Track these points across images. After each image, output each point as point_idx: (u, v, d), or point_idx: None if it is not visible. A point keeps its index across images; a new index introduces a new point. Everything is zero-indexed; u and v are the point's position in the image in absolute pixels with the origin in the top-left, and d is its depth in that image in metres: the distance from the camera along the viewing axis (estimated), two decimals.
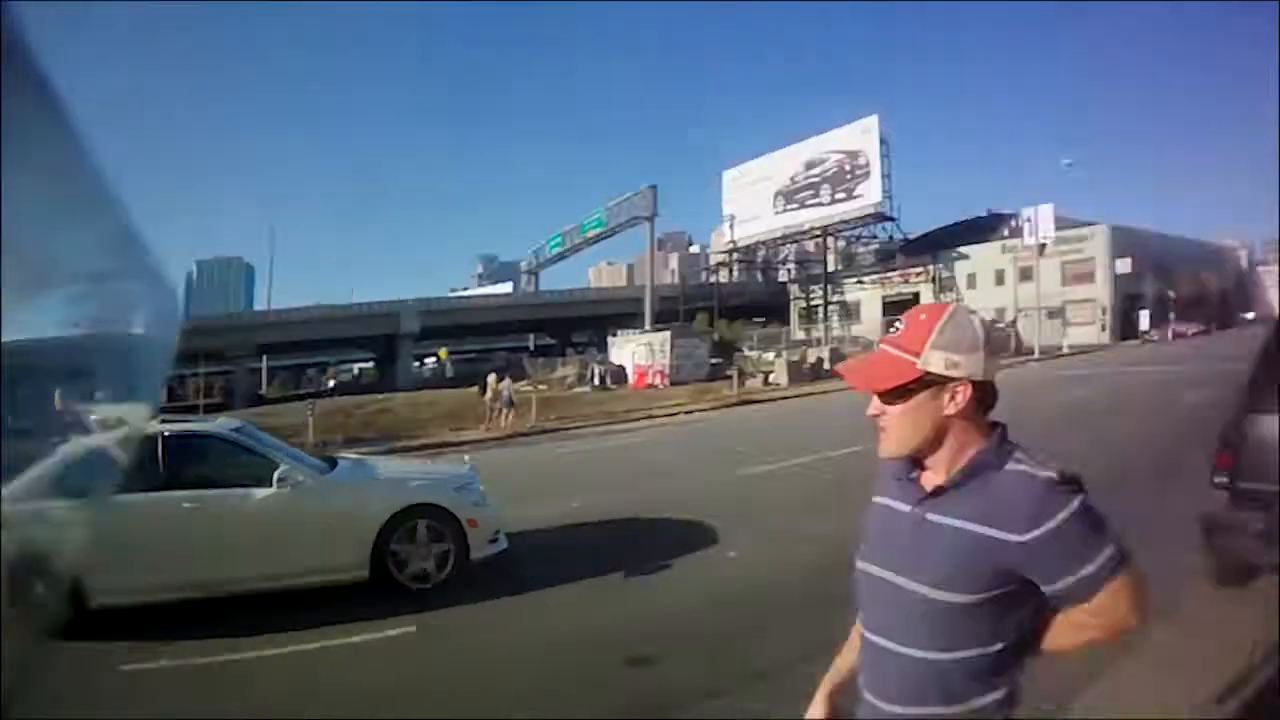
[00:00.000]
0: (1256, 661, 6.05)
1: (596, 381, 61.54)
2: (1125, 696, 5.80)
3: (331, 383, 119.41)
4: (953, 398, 2.41)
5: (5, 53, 1.16)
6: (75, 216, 1.47)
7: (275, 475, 10.04)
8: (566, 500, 15.78)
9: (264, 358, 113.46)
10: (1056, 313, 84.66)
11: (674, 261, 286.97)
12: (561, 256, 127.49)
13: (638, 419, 37.35)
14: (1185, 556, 8.28)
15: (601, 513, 14.82)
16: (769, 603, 9.23)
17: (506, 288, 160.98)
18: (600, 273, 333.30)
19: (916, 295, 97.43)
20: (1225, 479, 7.96)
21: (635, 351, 64.87)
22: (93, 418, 1.63)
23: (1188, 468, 12.43)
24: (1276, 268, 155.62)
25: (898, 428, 2.48)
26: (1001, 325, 74.27)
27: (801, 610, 8.58)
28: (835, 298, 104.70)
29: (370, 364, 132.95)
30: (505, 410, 36.32)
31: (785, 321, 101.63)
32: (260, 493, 9.96)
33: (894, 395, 2.46)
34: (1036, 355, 65.20)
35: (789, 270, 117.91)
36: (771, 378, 54.53)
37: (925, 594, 2.38)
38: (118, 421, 1.70)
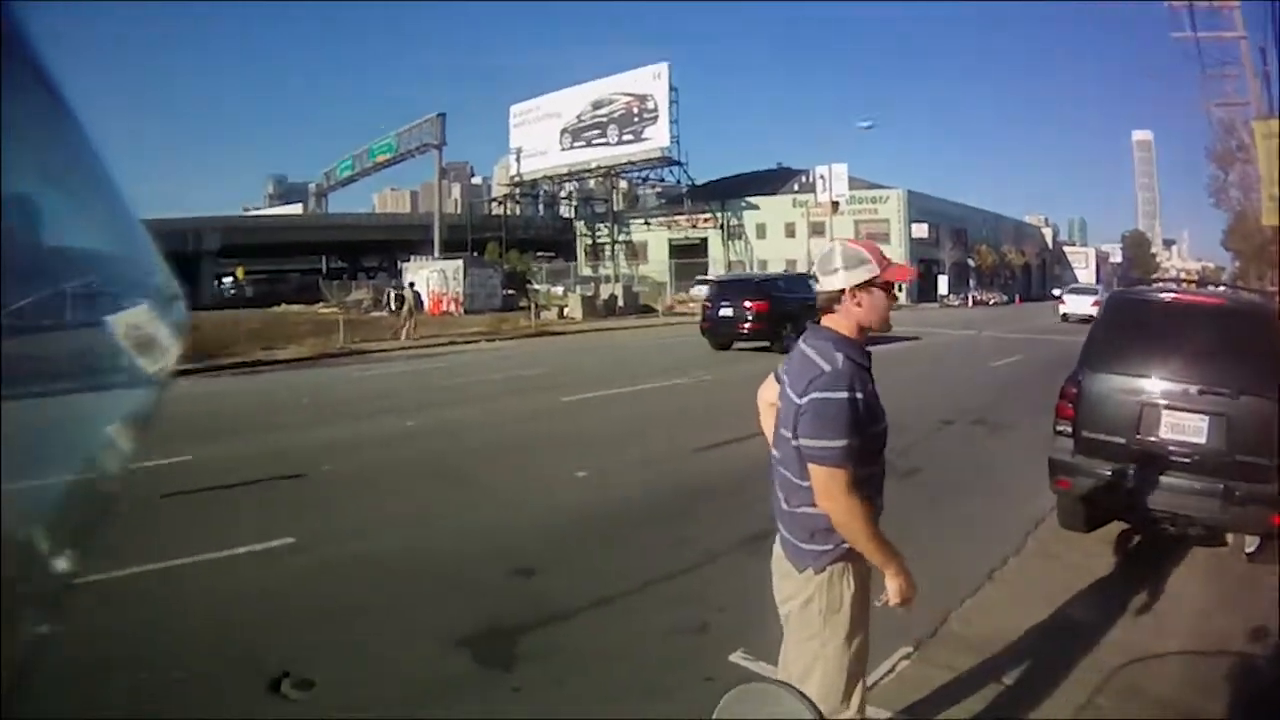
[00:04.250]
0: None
1: (392, 305, 62.36)
2: (983, 621, 7.47)
3: None
4: None
5: (6, 47, 1.28)
6: (78, 210, 1.59)
7: None
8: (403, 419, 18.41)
9: None
10: None
11: (457, 191, 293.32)
12: (351, 180, 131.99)
13: (443, 345, 40.71)
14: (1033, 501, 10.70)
15: (451, 429, 17.52)
16: (625, 520, 10.58)
17: (298, 209, 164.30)
18: (385, 198, 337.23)
19: (704, 241, 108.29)
20: (1067, 428, 9.53)
21: (429, 278, 68.71)
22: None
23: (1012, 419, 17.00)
24: (1085, 248, 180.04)
25: None
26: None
27: (658, 526, 10.31)
28: (621, 237, 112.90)
29: None
30: (409, 325, 43.77)
31: (571, 257, 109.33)
32: None
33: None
34: None
35: (574, 207, 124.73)
36: (567, 311, 60.52)
37: None
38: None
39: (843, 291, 4.05)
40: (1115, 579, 8.77)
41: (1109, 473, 9.11)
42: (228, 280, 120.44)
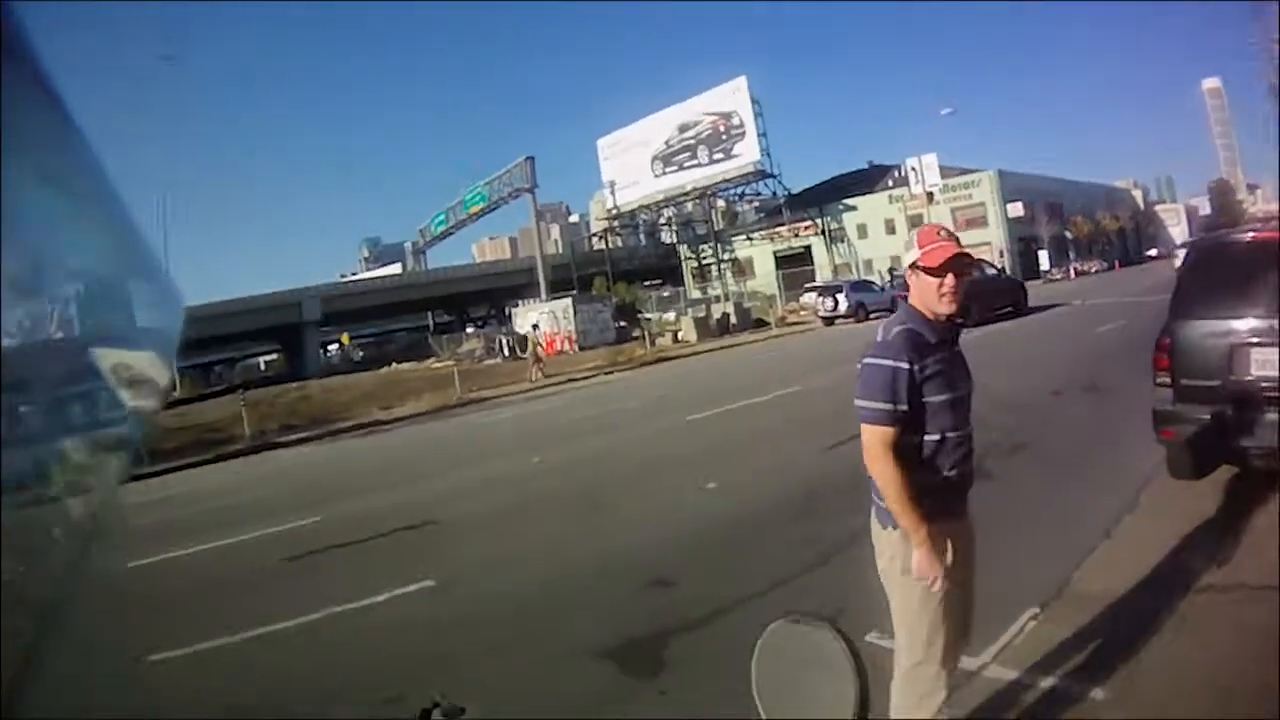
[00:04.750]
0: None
1: (506, 352, 69.62)
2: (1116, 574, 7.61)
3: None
4: None
5: (5, 51, 1.32)
6: (75, 214, 1.60)
7: None
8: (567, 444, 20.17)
9: None
10: None
11: (556, 232, 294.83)
12: (447, 234, 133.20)
13: (562, 383, 42.15)
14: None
15: (597, 454, 18.76)
16: (754, 526, 10.94)
17: (396, 269, 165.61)
18: (484, 248, 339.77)
19: (808, 248, 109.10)
20: (1166, 379, 9.84)
21: (540, 319, 70.05)
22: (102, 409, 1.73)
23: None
24: (1175, 205, 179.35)
25: None
26: (900, 272, 79.63)
27: (787, 527, 10.60)
28: (726, 255, 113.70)
29: (275, 355, 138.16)
30: (539, 365, 46.22)
31: (678, 282, 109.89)
32: None
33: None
34: None
35: (674, 232, 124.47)
36: (680, 335, 62.62)
37: None
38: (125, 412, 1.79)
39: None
40: (1227, 521, 8.89)
41: (1208, 417, 9.33)
42: (334, 347, 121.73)
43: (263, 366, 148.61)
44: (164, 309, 1.86)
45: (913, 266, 4.47)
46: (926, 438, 4.42)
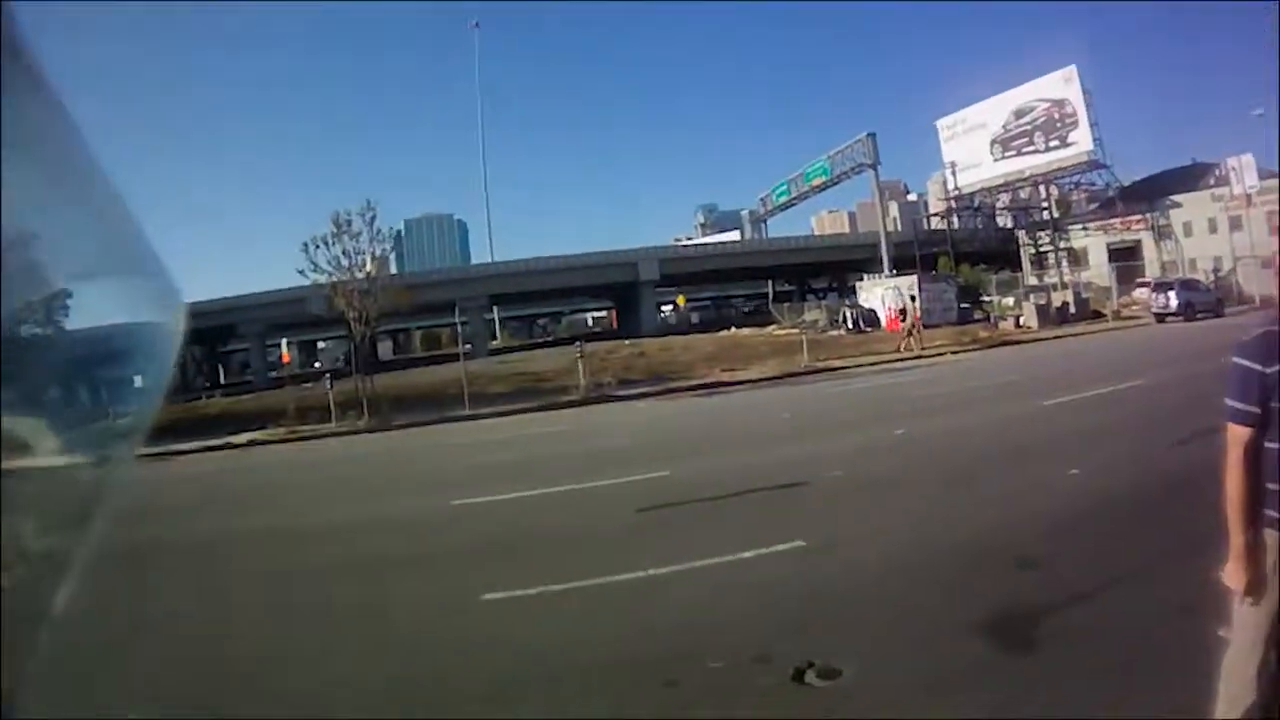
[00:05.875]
0: None
1: (850, 325, 70.03)
2: None
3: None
4: None
5: (5, 51, 1.32)
6: (76, 214, 1.57)
7: None
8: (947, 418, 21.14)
9: (494, 308, 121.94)
10: (1268, 263, 76.43)
11: (894, 210, 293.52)
12: (789, 204, 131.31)
13: (908, 359, 43.32)
14: None
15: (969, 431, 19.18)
16: (1115, 514, 10.95)
17: (734, 235, 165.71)
18: (822, 221, 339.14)
19: (1138, 243, 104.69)
20: None
21: (884, 296, 72.08)
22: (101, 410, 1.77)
23: None
24: None
25: None
26: (1223, 273, 78.03)
27: (1149, 517, 10.53)
28: (1062, 244, 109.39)
29: (603, 312, 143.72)
30: (914, 337, 48.62)
31: (1015, 267, 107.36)
32: None
33: None
34: (1258, 304, 60.84)
35: (1013, 216, 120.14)
36: (1022, 320, 63.42)
37: None
38: (123, 416, 1.78)
39: None
40: None
41: None
42: (667, 308, 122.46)
43: (590, 322, 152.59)
44: (163, 306, 1.83)
45: None
46: (1270, 444, 4.24)
